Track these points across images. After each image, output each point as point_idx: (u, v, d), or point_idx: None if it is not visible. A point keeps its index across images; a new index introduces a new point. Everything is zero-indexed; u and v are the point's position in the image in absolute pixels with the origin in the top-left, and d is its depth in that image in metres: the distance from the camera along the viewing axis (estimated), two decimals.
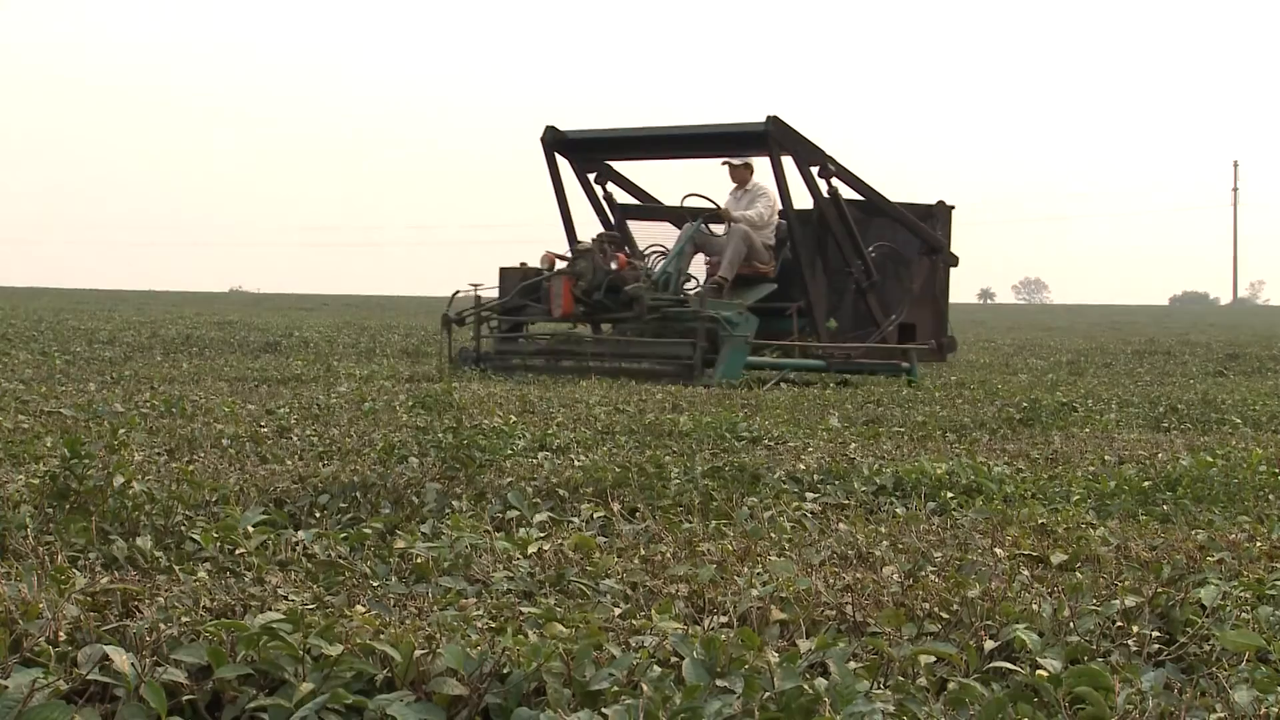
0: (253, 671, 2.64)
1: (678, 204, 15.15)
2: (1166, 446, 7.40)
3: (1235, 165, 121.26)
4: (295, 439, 6.80)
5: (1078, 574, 3.85)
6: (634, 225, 15.76)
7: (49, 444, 6.15)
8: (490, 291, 14.74)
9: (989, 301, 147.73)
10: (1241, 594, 3.54)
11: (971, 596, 3.40)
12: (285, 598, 3.28)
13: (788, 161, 14.27)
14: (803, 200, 14.49)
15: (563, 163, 15.62)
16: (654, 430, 7.55)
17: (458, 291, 14.85)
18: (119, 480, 4.55)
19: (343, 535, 4.18)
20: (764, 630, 3.20)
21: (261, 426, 7.27)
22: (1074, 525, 4.73)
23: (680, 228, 14.88)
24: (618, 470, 5.50)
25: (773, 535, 4.42)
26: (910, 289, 15.14)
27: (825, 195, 14.45)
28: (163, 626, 2.81)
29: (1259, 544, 4.31)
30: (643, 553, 4.03)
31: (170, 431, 6.98)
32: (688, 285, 14.59)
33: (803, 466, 5.90)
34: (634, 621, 3.14)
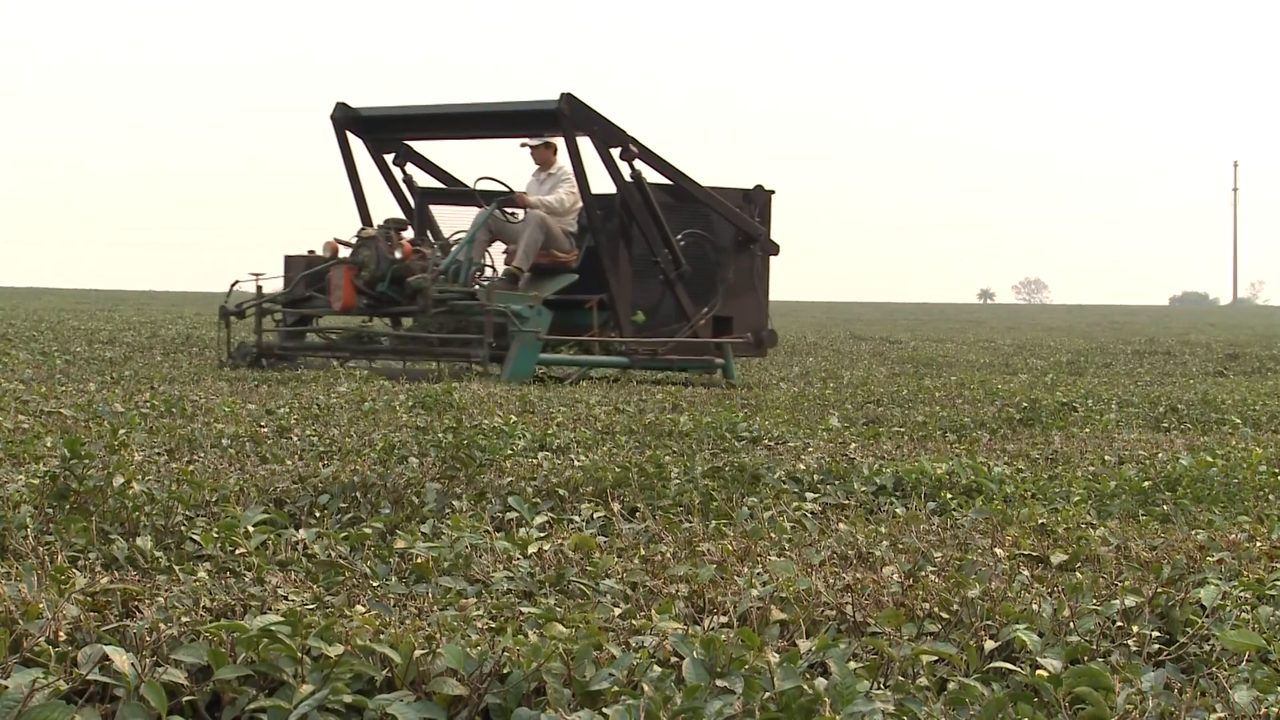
0: (252, 672, 2.64)
1: (486, 189, 14.18)
2: (1166, 446, 7.40)
3: (1235, 165, 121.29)
4: (295, 439, 6.80)
5: (1078, 574, 3.85)
6: (438, 211, 14.81)
7: (49, 444, 6.15)
8: (278, 282, 13.82)
9: (989, 301, 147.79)
10: (1241, 594, 3.54)
11: (971, 596, 3.40)
12: (285, 598, 3.28)
13: (587, 143, 13.38)
14: (606, 184, 13.68)
15: (358, 144, 14.64)
16: (654, 430, 7.55)
17: (236, 282, 13.96)
18: (119, 480, 4.56)
19: (343, 535, 4.18)
20: (764, 630, 3.20)
21: (261, 426, 7.27)
22: (1074, 525, 4.73)
23: None
24: (618, 470, 5.50)
25: (773, 535, 4.42)
26: (725, 279, 14.27)
27: (628, 179, 13.56)
28: (163, 626, 2.81)
29: (1259, 544, 4.31)
30: (643, 553, 4.03)
31: (170, 431, 6.98)
32: (486, 276, 13.76)
33: (803, 466, 5.90)
34: (634, 621, 3.14)
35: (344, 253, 13.55)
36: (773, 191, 14.80)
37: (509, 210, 13.96)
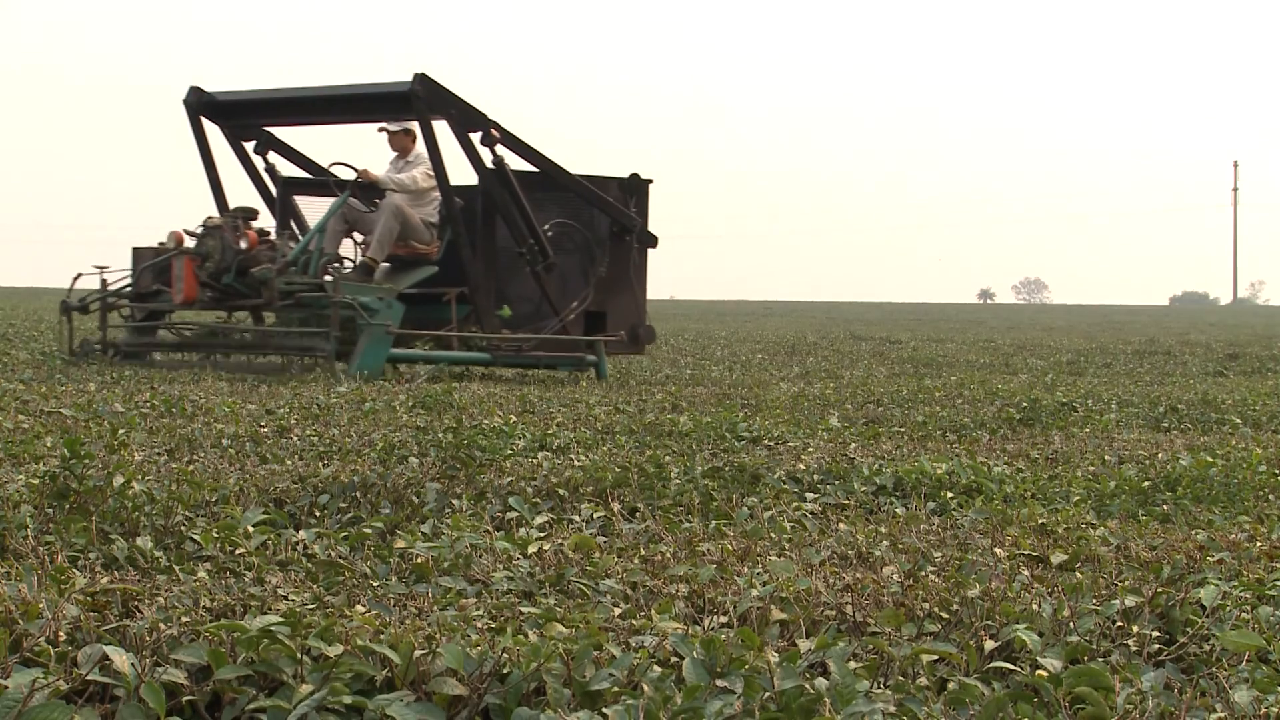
0: (252, 672, 2.64)
1: (337, 175, 13.52)
2: (1166, 446, 7.40)
3: (1235, 165, 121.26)
4: (295, 439, 6.80)
5: (1078, 574, 3.85)
6: (305, 202, 14.06)
7: (49, 444, 6.15)
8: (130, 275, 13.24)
9: (989, 301, 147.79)
10: (1241, 594, 3.54)
11: (971, 596, 3.40)
12: (285, 598, 3.28)
13: (444, 128, 12.86)
14: (467, 171, 13.20)
15: (217, 130, 14.06)
16: (654, 430, 7.55)
17: (79, 275, 13.37)
18: (119, 480, 4.56)
19: (343, 535, 4.18)
20: (764, 630, 3.20)
21: (261, 426, 7.27)
22: (1074, 525, 4.73)
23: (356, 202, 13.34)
24: (618, 470, 5.50)
25: (773, 535, 4.42)
26: (598, 273, 13.64)
27: (489, 165, 13.01)
28: (163, 626, 2.81)
29: (1259, 544, 4.31)
30: (643, 553, 4.03)
31: (170, 431, 6.98)
32: (345, 268, 13.10)
33: (803, 466, 5.90)
34: (634, 621, 3.14)
35: (190, 243, 12.99)
36: (650, 180, 14.14)
37: (373, 200, 13.33)
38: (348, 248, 13.47)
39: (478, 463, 5.86)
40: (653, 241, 14.09)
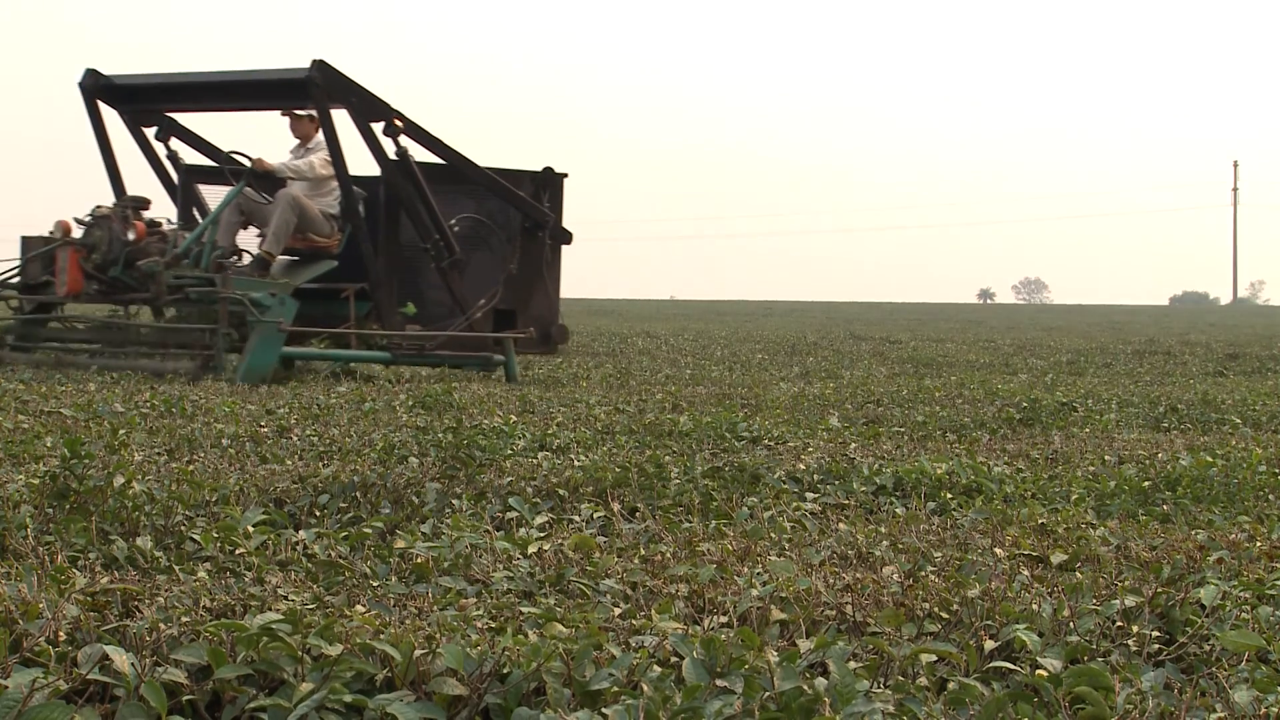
0: (252, 671, 2.64)
1: (233, 163, 12.88)
2: (1166, 446, 7.40)
3: (1235, 165, 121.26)
4: (295, 439, 6.80)
5: (1078, 574, 3.85)
6: (207, 190, 13.54)
7: (49, 444, 6.15)
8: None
9: (989, 301, 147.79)
10: (1241, 594, 3.54)
11: (971, 596, 3.40)
12: (285, 598, 3.28)
13: (345, 117, 12.41)
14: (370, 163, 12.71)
15: (115, 115, 13.51)
16: (654, 430, 7.55)
17: None
18: (119, 480, 4.56)
19: (343, 535, 4.18)
20: (764, 630, 3.20)
21: (261, 426, 7.27)
22: (1074, 525, 4.73)
23: (263, 193, 12.75)
24: (618, 470, 5.50)
25: (773, 535, 4.42)
26: (507, 269, 13.22)
27: (393, 157, 12.56)
28: (163, 626, 2.81)
29: (1259, 544, 4.31)
30: (643, 553, 4.03)
31: (170, 431, 6.98)
32: (242, 262, 12.51)
33: (803, 466, 5.90)
34: (634, 621, 3.14)
35: (78, 233, 12.47)
36: (565, 175, 13.67)
37: (273, 191, 12.76)
38: (251, 241, 12.94)
39: (478, 463, 5.86)
40: (567, 238, 13.65)
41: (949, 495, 5.43)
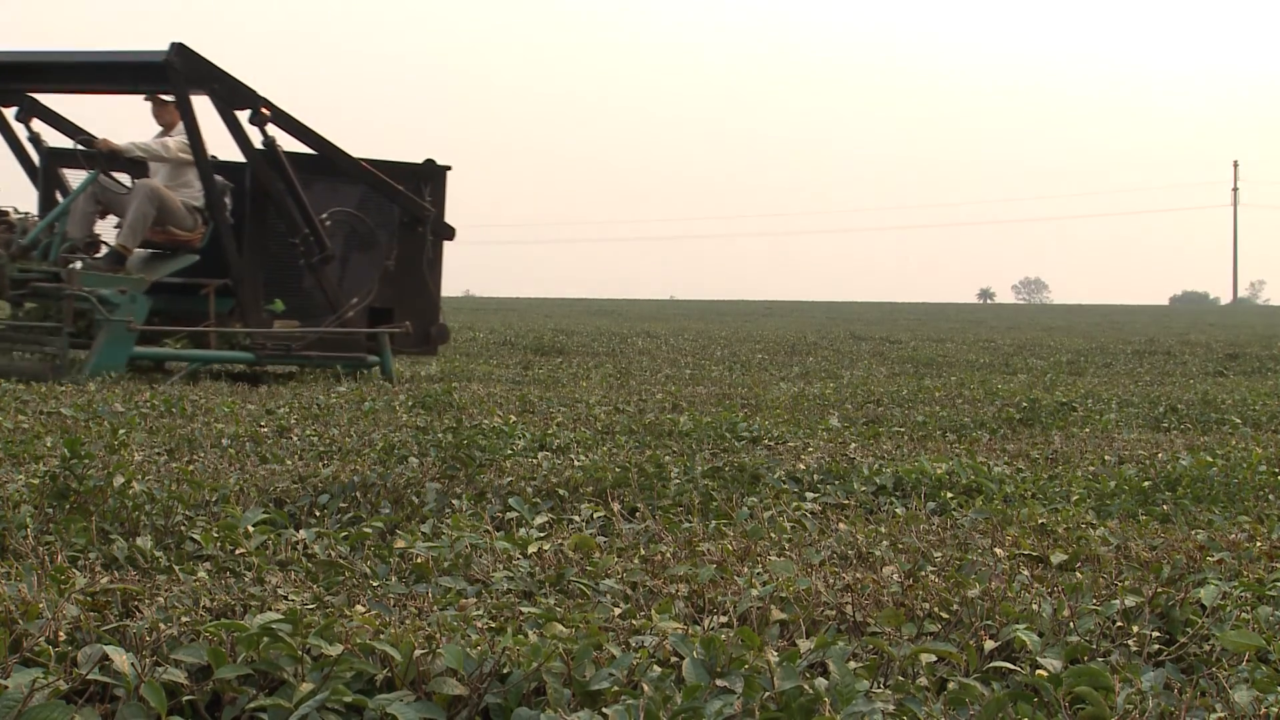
0: (252, 671, 2.64)
1: (85, 148, 12.06)
2: (1166, 446, 7.40)
3: (1235, 165, 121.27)
4: (295, 439, 6.80)
5: (1078, 574, 3.85)
6: (74, 176, 12.54)
7: (49, 444, 6.15)
8: None
9: (989, 301, 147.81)
10: (1241, 594, 3.54)
11: (971, 596, 3.40)
12: (285, 598, 3.28)
13: (207, 104, 11.71)
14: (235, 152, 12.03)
15: None
16: (654, 430, 7.55)
17: None
18: (119, 480, 4.56)
19: (343, 535, 4.18)
20: (764, 630, 3.20)
21: (261, 426, 7.27)
22: (1074, 525, 4.73)
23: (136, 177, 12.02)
24: (618, 470, 5.50)
25: (773, 535, 4.42)
26: (384, 265, 12.59)
27: (259, 147, 11.92)
28: (163, 626, 2.81)
29: (1259, 544, 4.31)
30: (643, 553, 4.03)
31: (170, 431, 6.98)
32: (97, 254, 11.76)
33: (803, 466, 5.90)
34: (634, 621, 3.14)
35: None
36: (448, 167, 13.10)
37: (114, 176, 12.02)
38: (113, 231, 12.15)
39: (478, 463, 5.86)
40: (449, 233, 13.05)
41: (949, 495, 5.43)
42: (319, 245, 12.10)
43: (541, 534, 4.30)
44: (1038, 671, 2.73)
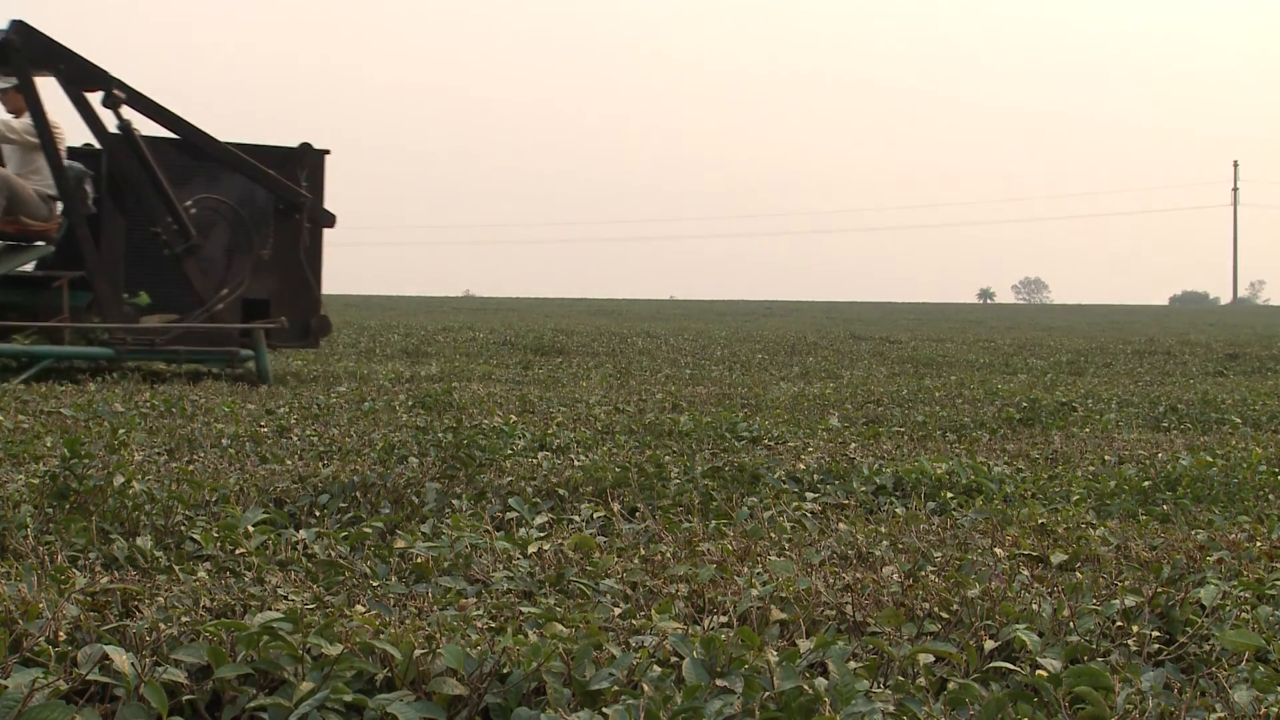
0: (253, 671, 2.64)
1: None
2: (1166, 446, 7.40)
3: (1235, 165, 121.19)
4: (295, 439, 6.80)
5: (1078, 574, 3.85)
6: None
7: (49, 444, 6.15)
8: None
9: (989, 301, 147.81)
10: (1241, 594, 3.54)
11: (971, 596, 3.40)
12: (285, 597, 3.28)
13: (52, 85, 11.23)
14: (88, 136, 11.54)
15: None
16: (654, 430, 7.55)
17: None
18: (119, 480, 4.56)
19: (343, 535, 4.18)
20: (764, 630, 3.20)
21: (261, 426, 7.27)
22: (1074, 525, 4.73)
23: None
24: (618, 470, 5.50)
25: (773, 535, 4.42)
26: (257, 255, 11.96)
27: (113, 131, 11.38)
28: (163, 626, 2.81)
29: (1259, 544, 4.31)
30: (643, 553, 4.03)
31: (170, 431, 6.98)
32: None
33: (803, 466, 5.90)
34: (634, 621, 3.14)
35: None
36: (326, 151, 12.49)
37: None
38: None
39: (478, 463, 5.86)
40: (329, 220, 12.43)
41: (949, 495, 5.43)
42: (183, 234, 11.59)
43: (541, 534, 4.30)
44: (1038, 671, 2.73)
